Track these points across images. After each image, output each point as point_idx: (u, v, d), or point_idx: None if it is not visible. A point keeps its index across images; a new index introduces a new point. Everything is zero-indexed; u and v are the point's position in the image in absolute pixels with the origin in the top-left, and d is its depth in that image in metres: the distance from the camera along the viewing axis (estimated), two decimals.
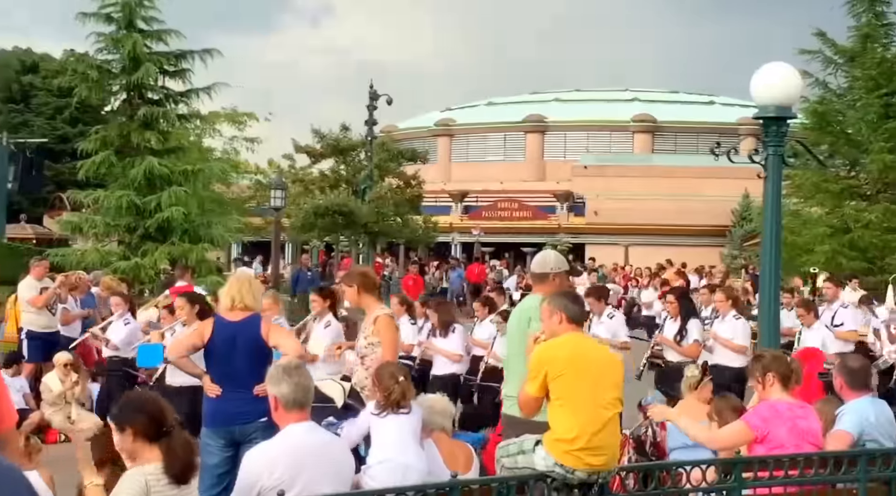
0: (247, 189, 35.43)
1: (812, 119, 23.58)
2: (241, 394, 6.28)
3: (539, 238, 44.73)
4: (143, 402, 4.47)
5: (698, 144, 49.10)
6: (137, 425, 4.26)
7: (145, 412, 4.33)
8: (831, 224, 23.25)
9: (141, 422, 4.27)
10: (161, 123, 20.22)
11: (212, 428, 6.39)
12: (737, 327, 10.75)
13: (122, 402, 4.58)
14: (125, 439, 4.29)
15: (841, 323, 11.80)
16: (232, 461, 6.07)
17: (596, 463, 4.84)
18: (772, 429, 5.53)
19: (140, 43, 19.66)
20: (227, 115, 32.07)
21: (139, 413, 4.32)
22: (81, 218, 20.55)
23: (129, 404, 4.46)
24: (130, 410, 4.36)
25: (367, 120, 29.32)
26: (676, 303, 10.74)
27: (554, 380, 4.93)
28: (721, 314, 10.96)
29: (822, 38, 24.05)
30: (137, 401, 4.49)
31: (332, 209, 29.06)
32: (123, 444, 4.31)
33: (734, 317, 10.84)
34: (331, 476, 4.72)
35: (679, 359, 10.31)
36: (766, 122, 8.02)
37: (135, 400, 4.56)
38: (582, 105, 56.07)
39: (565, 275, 6.54)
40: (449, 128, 56.85)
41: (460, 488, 4.55)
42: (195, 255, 19.34)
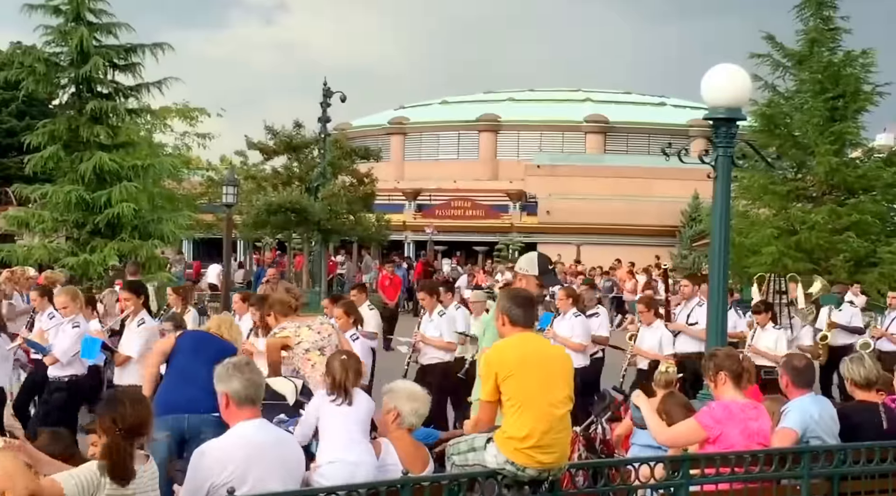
0: (198, 185, 35.08)
1: (760, 121, 23.90)
2: (196, 386, 6.26)
3: (492, 237, 44.91)
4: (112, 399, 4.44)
5: (650, 145, 49.62)
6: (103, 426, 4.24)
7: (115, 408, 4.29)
8: (778, 226, 23.57)
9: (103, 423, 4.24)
10: (111, 118, 19.96)
11: (162, 417, 6.31)
12: (575, 325, 10.80)
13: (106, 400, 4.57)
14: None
15: (696, 321, 11.60)
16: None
17: (546, 461, 4.88)
18: (724, 430, 5.60)
19: (88, 36, 19.35)
20: (179, 110, 31.74)
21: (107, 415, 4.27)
22: (28, 213, 20.23)
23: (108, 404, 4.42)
24: (105, 411, 4.31)
25: (320, 117, 29.20)
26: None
27: (504, 381, 4.95)
28: (562, 312, 10.97)
29: (770, 41, 24.40)
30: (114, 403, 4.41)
31: (285, 206, 28.87)
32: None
33: (574, 314, 10.88)
34: (281, 473, 4.71)
35: None
36: (715, 123, 8.12)
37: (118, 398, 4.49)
38: (535, 105, 56.33)
39: (532, 279, 6.53)
40: (402, 126, 56.80)
41: (411, 486, 4.55)
42: (145, 252, 19.13)
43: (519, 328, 5.20)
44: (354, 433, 5.73)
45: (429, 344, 10.74)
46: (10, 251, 19.05)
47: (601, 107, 55.62)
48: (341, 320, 9.12)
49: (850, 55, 23.71)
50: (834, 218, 22.90)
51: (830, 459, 5.53)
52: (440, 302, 11.08)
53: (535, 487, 4.96)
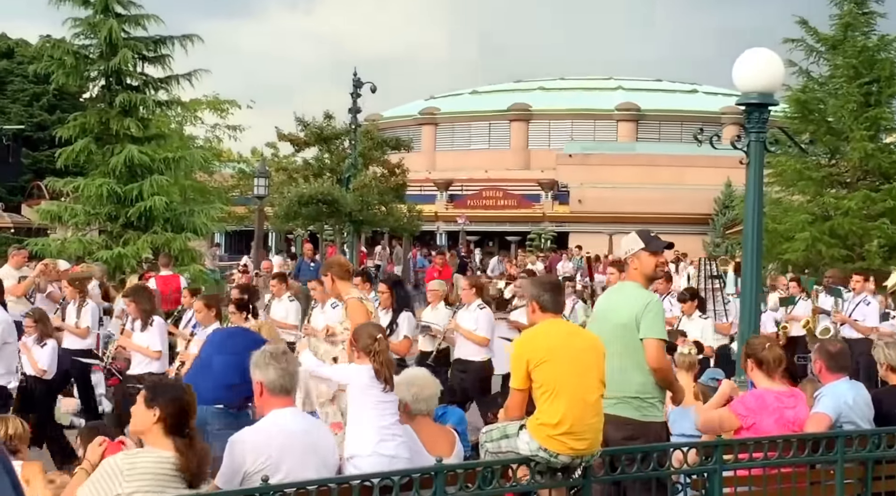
0: (229, 178, 35.27)
1: (794, 107, 23.67)
2: (208, 378, 6.31)
3: (524, 226, 44.85)
4: (180, 392, 4.41)
5: (682, 133, 49.28)
6: (168, 409, 4.22)
7: (180, 401, 4.30)
8: (812, 212, 23.37)
9: (171, 409, 4.23)
10: (140, 110, 20.01)
11: None
12: (480, 317, 10.20)
13: (161, 384, 4.60)
14: (147, 416, 4.23)
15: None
16: None
17: (579, 447, 4.87)
18: (758, 420, 5.59)
19: (117, 28, 19.36)
20: (209, 102, 31.89)
21: (175, 400, 4.28)
22: (61, 206, 20.32)
23: (168, 388, 4.42)
24: (168, 393, 4.32)
25: (350, 108, 29.21)
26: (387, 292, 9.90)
27: (535, 368, 4.95)
28: (465, 304, 10.38)
29: (804, 26, 24.14)
30: (176, 389, 4.43)
31: (316, 198, 28.95)
32: (143, 420, 4.26)
33: (478, 306, 10.29)
34: (315, 461, 4.72)
35: None
36: (748, 108, 8.04)
37: (174, 387, 4.51)
38: (566, 93, 56.12)
39: (645, 254, 5.91)
40: (433, 116, 56.78)
41: (444, 473, 4.55)
42: (178, 244, 19.21)
43: (549, 314, 5.20)
44: (392, 425, 5.64)
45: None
46: (44, 245, 19.21)
47: (633, 95, 55.29)
48: (201, 313, 8.77)
49: (884, 39, 23.43)
50: (868, 203, 22.66)
51: (864, 444, 5.53)
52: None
53: (568, 474, 4.96)
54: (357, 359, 5.59)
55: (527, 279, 8.49)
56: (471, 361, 10.15)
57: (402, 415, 5.80)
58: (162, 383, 4.56)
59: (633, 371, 5.58)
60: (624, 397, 5.55)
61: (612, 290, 6.10)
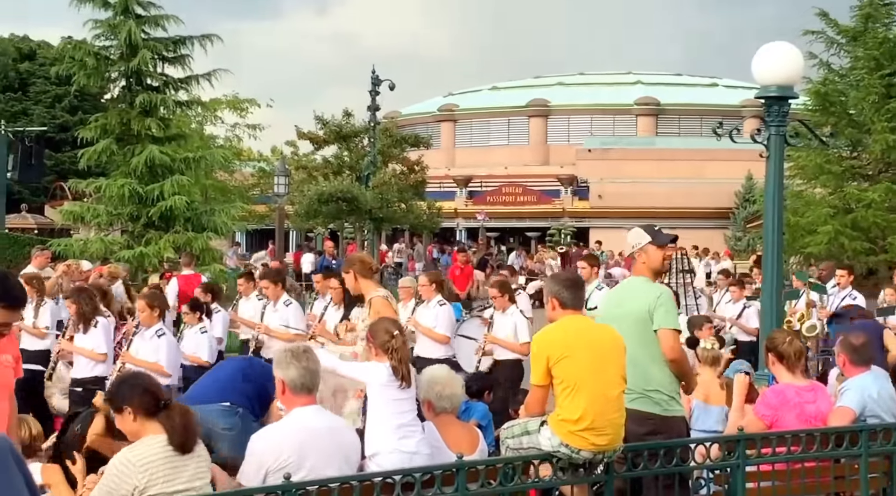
0: (250, 176, 35.41)
1: (815, 99, 23.53)
2: (216, 379, 6.34)
3: (544, 222, 44.77)
4: (137, 379, 4.51)
5: (702, 127, 49.03)
6: (137, 403, 4.29)
7: (142, 388, 4.37)
8: (833, 205, 23.24)
9: (140, 399, 4.30)
10: (161, 110, 20.13)
11: None
12: (440, 315, 9.81)
13: (115, 383, 4.61)
14: (126, 419, 4.32)
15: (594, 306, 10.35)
16: None
17: (601, 442, 4.86)
18: (779, 415, 5.58)
19: (136, 29, 19.50)
20: (229, 101, 32.02)
21: (136, 390, 4.35)
22: (83, 207, 20.48)
23: (123, 384, 4.49)
24: (127, 389, 4.38)
25: (369, 106, 29.26)
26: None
27: (556, 364, 4.95)
28: (425, 300, 9.99)
29: (824, 18, 23.98)
30: (132, 379, 4.52)
31: (336, 195, 29.03)
32: (124, 425, 4.34)
33: (438, 303, 9.90)
34: (338, 459, 4.74)
35: None
36: (767, 101, 8.01)
37: (129, 378, 4.59)
38: (585, 89, 55.95)
39: (653, 248, 5.86)
40: (452, 113, 56.75)
41: (466, 469, 4.56)
42: (199, 244, 19.31)
43: (570, 311, 5.19)
44: (411, 422, 5.64)
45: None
46: (67, 245, 19.34)
47: (652, 89, 55.05)
48: (144, 313, 8.64)
49: None
50: (891, 196, 22.51)
51: (889, 437, 5.49)
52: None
53: (590, 470, 4.96)
54: (375, 356, 5.58)
55: (547, 276, 8.39)
56: (429, 359, 9.51)
57: (427, 412, 5.82)
58: (117, 384, 4.57)
59: (650, 364, 5.55)
60: (645, 391, 5.53)
61: (621, 286, 6.05)
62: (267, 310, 10.15)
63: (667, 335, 5.57)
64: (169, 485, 4.17)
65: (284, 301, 10.05)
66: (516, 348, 9.72)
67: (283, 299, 10.06)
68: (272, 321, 10.00)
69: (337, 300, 9.33)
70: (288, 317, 9.93)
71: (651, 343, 5.56)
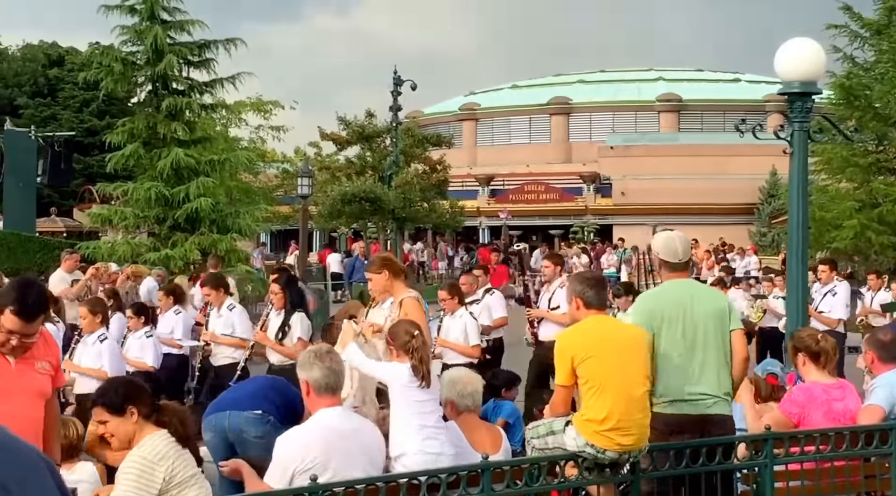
0: (274, 178, 35.58)
1: (839, 93, 23.32)
2: (247, 388, 6.40)
3: (566, 220, 44.67)
4: (134, 383, 4.59)
5: (724, 122, 48.73)
6: (140, 404, 4.36)
7: (141, 390, 4.45)
8: (859, 199, 23.04)
9: (143, 401, 4.37)
10: (186, 114, 20.32)
11: (208, 416, 6.11)
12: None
13: (110, 388, 4.60)
14: (126, 422, 4.35)
15: (557, 305, 10.15)
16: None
17: (626, 442, 4.86)
18: (806, 413, 5.54)
19: (162, 34, 19.73)
20: (253, 104, 32.20)
21: (139, 392, 4.42)
22: (111, 210, 20.72)
23: (122, 387, 4.53)
24: (131, 391, 4.43)
25: (391, 106, 29.34)
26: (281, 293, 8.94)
27: (580, 364, 4.94)
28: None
29: (848, 11, 23.78)
30: (129, 383, 4.59)
31: (359, 196, 29.13)
32: (122, 428, 4.37)
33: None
34: (363, 460, 4.76)
35: None
36: (791, 97, 7.96)
37: (124, 382, 4.66)
38: (607, 86, 55.77)
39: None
40: (473, 112, 56.72)
41: (491, 470, 4.58)
42: (224, 245, 19.44)
43: (594, 310, 5.19)
44: (435, 423, 5.61)
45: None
46: (95, 248, 19.53)
47: (674, 85, 54.79)
48: (86, 320, 8.48)
49: None
50: None
51: None
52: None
53: (615, 470, 4.96)
54: (396, 357, 5.56)
55: (571, 275, 8.24)
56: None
57: (449, 413, 5.84)
58: (112, 388, 4.56)
59: (724, 367, 5.43)
60: (724, 395, 5.40)
61: (684, 285, 5.73)
62: (211, 315, 9.75)
63: (740, 335, 5.53)
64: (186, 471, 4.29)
65: (228, 306, 9.69)
66: (467, 351, 9.25)
67: (226, 304, 9.70)
68: (217, 327, 9.58)
69: (279, 306, 8.87)
70: (233, 323, 9.55)
71: (724, 343, 5.46)
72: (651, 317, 5.38)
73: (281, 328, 8.73)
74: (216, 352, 9.53)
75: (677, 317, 5.40)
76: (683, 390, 5.29)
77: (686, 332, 5.36)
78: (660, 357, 5.30)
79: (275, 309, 8.87)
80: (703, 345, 5.34)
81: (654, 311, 5.42)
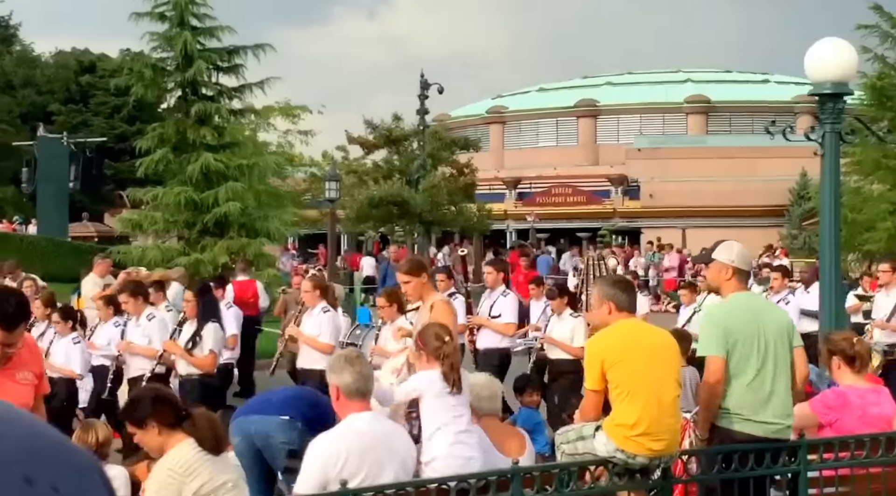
0: (302, 182, 35.71)
1: (870, 94, 23.08)
2: (276, 394, 6.45)
3: (594, 223, 44.50)
4: (154, 393, 4.57)
5: (753, 124, 48.37)
6: (159, 416, 4.35)
7: (162, 401, 4.43)
8: (892, 200, 22.78)
9: (161, 413, 4.35)
10: (215, 119, 20.48)
11: (235, 420, 6.16)
12: (324, 322, 9.15)
13: (133, 402, 4.62)
14: (149, 434, 4.36)
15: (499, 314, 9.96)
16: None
17: (657, 448, 4.83)
18: (840, 417, 5.46)
19: (192, 40, 19.89)
20: (281, 108, 32.35)
21: (160, 404, 4.40)
22: (141, 215, 20.90)
23: (141, 399, 4.54)
24: (147, 404, 4.42)
25: (418, 109, 29.37)
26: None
27: (610, 368, 4.92)
28: (308, 307, 9.35)
29: (878, 11, 23.54)
30: (151, 396, 4.55)
31: (387, 199, 29.19)
32: (148, 440, 4.39)
33: (322, 309, 9.23)
34: (394, 465, 4.76)
35: None
36: (821, 99, 7.90)
37: (146, 395, 4.62)
38: (634, 88, 55.55)
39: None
40: (501, 115, 56.67)
41: (521, 475, 4.57)
42: (253, 249, 19.55)
43: (624, 314, 5.17)
44: (465, 428, 5.54)
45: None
46: (126, 252, 19.70)
47: (702, 87, 54.47)
48: (59, 325, 8.51)
49: None
50: None
51: None
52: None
53: (646, 475, 4.93)
54: (426, 362, 5.46)
55: (599, 279, 8.14)
56: (312, 370, 8.93)
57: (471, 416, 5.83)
58: (133, 402, 4.59)
59: (789, 389, 5.32)
60: (788, 421, 5.29)
61: (751, 299, 5.60)
62: (129, 325, 9.42)
63: (802, 353, 5.45)
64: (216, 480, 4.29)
65: (147, 315, 9.33)
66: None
67: (146, 313, 9.33)
68: (135, 337, 9.26)
69: (191, 314, 8.64)
70: (151, 333, 9.19)
71: (788, 362, 5.34)
72: (727, 334, 5.23)
73: (192, 338, 8.52)
74: (129, 364, 9.19)
75: (751, 335, 5.25)
76: (753, 411, 5.16)
77: (759, 350, 5.21)
78: (730, 371, 5.16)
79: (186, 317, 8.68)
80: (773, 365, 5.20)
81: (729, 329, 5.25)
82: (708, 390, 5.25)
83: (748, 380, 5.18)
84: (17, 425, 0.89)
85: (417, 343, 5.68)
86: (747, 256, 5.54)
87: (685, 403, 5.91)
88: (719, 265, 5.44)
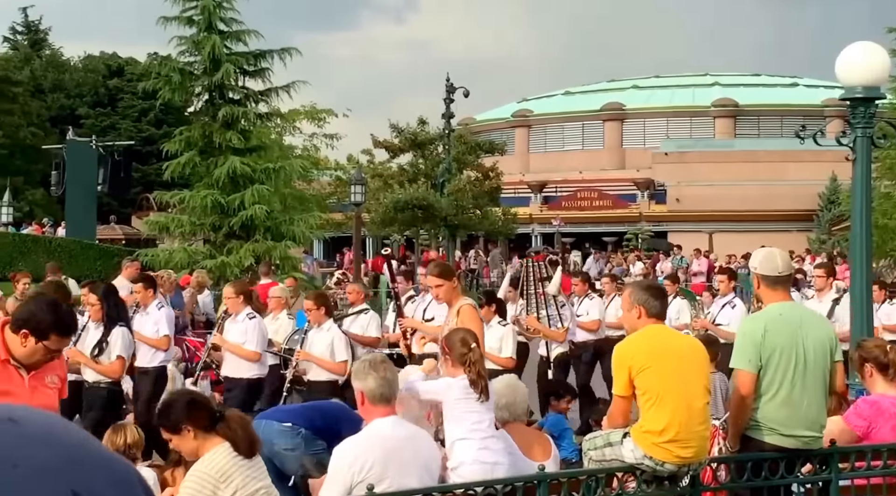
0: (327, 185, 35.82)
1: None
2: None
3: (620, 227, 44.32)
4: (188, 397, 4.57)
5: (782, 127, 48.03)
6: (193, 420, 4.35)
7: (196, 404, 4.43)
8: None
9: (196, 417, 4.35)
10: (242, 123, 20.56)
11: None
12: (249, 329, 8.84)
13: (166, 408, 4.60)
14: (185, 439, 4.36)
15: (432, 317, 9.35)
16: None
17: (685, 455, 4.78)
18: (874, 426, 5.38)
19: (219, 44, 20.02)
20: (307, 112, 32.45)
21: (193, 408, 4.40)
22: (168, 218, 21.02)
23: (174, 404, 4.54)
24: (181, 409, 4.42)
25: (444, 113, 29.39)
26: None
27: (638, 374, 4.87)
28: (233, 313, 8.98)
29: None
30: (185, 401, 4.53)
31: (412, 203, 29.20)
32: (184, 445, 4.39)
33: (248, 316, 8.90)
34: (419, 470, 4.74)
35: None
36: (852, 103, 7.79)
37: (180, 400, 4.60)
38: (661, 91, 55.30)
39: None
40: (526, 118, 56.60)
41: (548, 481, 4.53)
42: (278, 253, 19.61)
43: (654, 320, 5.11)
44: (491, 432, 5.47)
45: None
46: (153, 255, 19.83)
47: (729, 90, 54.13)
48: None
49: None
50: None
51: None
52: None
53: (675, 482, 4.87)
54: (451, 368, 5.39)
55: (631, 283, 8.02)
56: (238, 379, 8.74)
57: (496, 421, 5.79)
58: (167, 407, 4.58)
59: (825, 403, 5.26)
60: (821, 432, 5.21)
61: (793, 309, 5.44)
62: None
63: (842, 368, 5.39)
64: (249, 486, 4.27)
65: (157, 303, 9.19)
66: (332, 368, 8.58)
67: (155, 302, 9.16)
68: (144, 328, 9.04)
69: (95, 317, 8.16)
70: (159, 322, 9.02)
71: (827, 376, 5.25)
72: (760, 348, 5.13)
73: (98, 344, 8.00)
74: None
75: (790, 347, 5.14)
76: (786, 426, 5.08)
77: (797, 364, 5.12)
78: (765, 384, 5.09)
79: (92, 321, 8.16)
80: (812, 379, 5.11)
81: (764, 344, 5.14)
82: (737, 404, 5.17)
83: (784, 396, 5.08)
84: (65, 438, 0.90)
85: (443, 347, 5.63)
86: (772, 260, 5.34)
87: (714, 410, 5.84)
88: (753, 274, 5.36)
